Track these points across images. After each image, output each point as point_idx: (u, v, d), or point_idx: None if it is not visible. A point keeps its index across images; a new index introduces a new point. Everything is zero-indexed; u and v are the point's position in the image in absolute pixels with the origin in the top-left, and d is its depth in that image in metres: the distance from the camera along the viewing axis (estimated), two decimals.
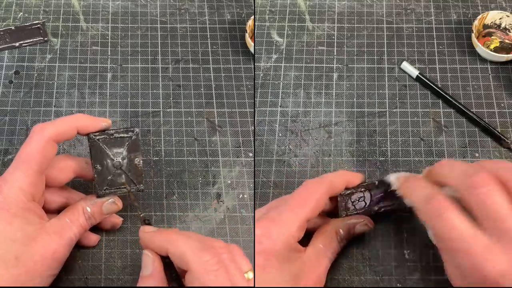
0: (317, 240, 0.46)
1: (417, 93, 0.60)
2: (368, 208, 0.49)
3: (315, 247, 0.45)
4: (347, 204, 0.48)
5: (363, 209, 0.49)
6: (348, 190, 0.48)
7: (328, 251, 0.46)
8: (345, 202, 0.48)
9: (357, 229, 0.48)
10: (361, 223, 0.48)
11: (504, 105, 0.59)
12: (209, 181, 0.55)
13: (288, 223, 0.43)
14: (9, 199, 0.42)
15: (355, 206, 0.48)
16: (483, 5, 0.67)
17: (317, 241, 0.46)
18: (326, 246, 0.46)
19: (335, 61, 0.63)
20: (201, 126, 0.58)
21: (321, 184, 0.45)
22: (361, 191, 0.48)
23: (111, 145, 0.46)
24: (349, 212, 0.49)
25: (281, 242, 0.42)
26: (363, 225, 0.48)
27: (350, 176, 0.48)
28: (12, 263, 0.40)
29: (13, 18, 0.65)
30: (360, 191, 0.48)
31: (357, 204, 0.48)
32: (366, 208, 0.49)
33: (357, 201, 0.48)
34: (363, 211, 0.49)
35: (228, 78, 0.62)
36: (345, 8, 0.67)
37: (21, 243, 0.41)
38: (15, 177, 0.43)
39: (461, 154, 0.56)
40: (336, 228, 0.47)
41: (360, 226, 0.48)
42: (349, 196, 0.48)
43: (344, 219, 0.48)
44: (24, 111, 0.58)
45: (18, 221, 0.42)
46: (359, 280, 0.49)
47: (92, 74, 0.61)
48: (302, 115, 0.59)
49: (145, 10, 0.67)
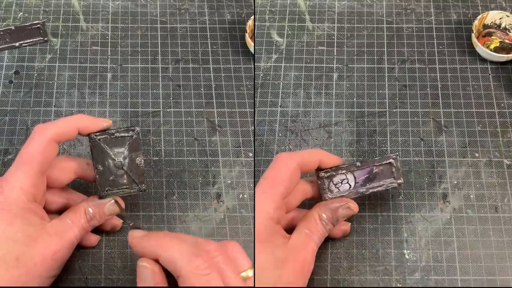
0: (301, 225, 0.46)
1: (417, 93, 0.60)
2: (353, 190, 0.49)
3: (300, 232, 0.45)
4: (329, 186, 0.48)
5: (348, 191, 0.49)
6: (328, 171, 0.47)
7: (313, 235, 0.45)
8: (327, 184, 0.48)
9: (340, 212, 0.47)
10: (344, 206, 0.47)
11: (504, 105, 0.59)
12: (209, 181, 0.55)
13: (263, 206, 0.43)
14: (10, 199, 0.42)
15: (339, 189, 0.48)
16: (483, 5, 0.67)
17: (301, 227, 0.46)
18: (311, 230, 0.46)
19: (335, 61, 0.63)
20: (201, 126, 0.58)
21: (291, 159, 0.45)
22: (343, 173, 0.48)
23: (112, 145, 0.46)
24: (333, 194, 0.48)
25: (259, 223, 0.42)
26: (345, 208, 0.47)
27: (324, 156, 0.47)
28: (12, 264, 0.40)
29: (13, 18, 0.65)
30: (341, 173, 0.48)
31: (340, 187, 0.48)
32: (351, 190, 0.49)
33: (340, 183, 0.48)
34: (349, 193, 0.49)
35: (228, 78, 0.62)
36: (345, 8, 0.67)
37: (21, 244, 0.41)
38: (16, 178, 0.43)
39: (461, 154, 0.56)
40: (319, 213, 0.47)
41: (342, 209, 0.47)
42: (330, 178, 0.48)
43: (326, 203, 0.48)
44: (24, 111, 0.58)
45: (19, 221, 0.42)
46: (359, 280, 0.49)
47: (92, 74, 0.61)
48: (302, 115, 0.59)
49: (145, 10, 0.67)
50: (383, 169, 0.49)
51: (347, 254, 0.50)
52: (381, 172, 0.49)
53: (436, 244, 0.51)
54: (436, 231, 0.52)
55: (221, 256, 0.39)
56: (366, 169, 0.48)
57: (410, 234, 0.52)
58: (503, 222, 0.52)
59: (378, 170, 0.48)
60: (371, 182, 0.49)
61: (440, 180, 0.55)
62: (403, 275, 0.50)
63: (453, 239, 0.51)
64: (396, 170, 0.49)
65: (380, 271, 0.50)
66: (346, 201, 0.48)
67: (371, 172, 0.48)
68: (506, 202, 0.53)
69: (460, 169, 0.55)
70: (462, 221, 0.52)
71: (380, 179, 0.49)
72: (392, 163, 0.48)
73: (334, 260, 0.50)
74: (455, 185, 0.54)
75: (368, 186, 0.49)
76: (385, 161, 0.48)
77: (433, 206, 0.53)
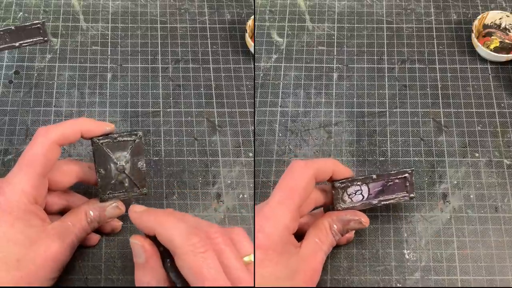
0: (312, 234, 0.46)
1: (417, 93, 0.60)
2: (366, 201, 0.49)
3: (310, 241, 0.45)
4: (343, 196, 0.48)
5: (360, 203, 0.49)
6: (343, 182, 0.48)
7: (323, 245, 0.46)
8: (340, 194, 0.48)
9: (351, 226, 0.47)
10: (356, 221, 0.47)
11: (504, 105, 0.59)
12: (209, 181, 0.55)
13: (280, 217, 0.43)
14: (11, 201, 0.42)
15: (352, 199, 0.48)
16: (483, 5, 0.67)
17: (312, 236, 0.46)
18: (321, 240, 0.46)
19: (335, 61, 0.63)
20: (201, 126, 0.58)
21: (307, 168, 0.45)
22: (358, 184, 0.48)
23: (115, 149, 0.46)
24: (345, 205, 0.48)
25: (276, 236, 0.42)
26: (357, 222, 0.47)
27: (339, 167, 0.47)
28: (13, 266, 0.40)
29: (13, 18, 0.65)
30: (356, 184, 0.48)
31: (354, 197, 0.48)
32: (363, 201, 0.49)
33: (353, 194, 0.48)
34: (360, 205, 0.49)
35: (228, 78, 0.62)
36: (345, 8, 0.67)
37: (22, 246, 0.41)
38: (18, 179, 0.43)
39: (461, 154, 0.56)
40: (331, 223, 0.47)
41: (354, 223, 0.47)
42: (344, 189, 0.48)
43: (339, 214, 0.47)
44: (24, 111, 0.58)
45: (20, 223, 0.42)
46: (359, 280, 0.49)
47: (92, 74, 0.61)
48: (302, 115, 0.59)
49: (145, 10, 0.67)
50: (397, 183, 0.49)
51: (347, 254, 0.50)
52: (394, 185, 0.49)
53: (436, 244, 0.51)
54: (436, 231, 0.52)
55: (222, 238, 0.39)
56: (381, 182, 0.48)
57: (410, 234, 0.52)
58: (503, 222, 0.52)
59: (392, 183, 0.49)
60: (383, 194, 0.49)
61: (440, 180, 0.55)
62: (403, 275, 0.50)
63: (453, 239, 0.51)
64: (410, 184, 0.49)
65: (380, 271, 0.50)
66: (359, 215, 0.48)
67: (385, 185, 0.49)
68: (506, 202, 0.53)
69: (460, 169, 0.55)
70: (462, 221, 0.52)
71: (393, 192, 0.49)
72: (407, 177, 0.48)
73: (334, 260, 0.50)
74: (455, 185, 0.54)
75: (380, 198, 0.49)
76: (401, 175, 0.48)
77: (433, 206, 0.53)
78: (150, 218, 0.41)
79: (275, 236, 0.42)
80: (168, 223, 0.39)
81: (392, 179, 0.48)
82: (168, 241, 0.39)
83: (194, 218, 0.41)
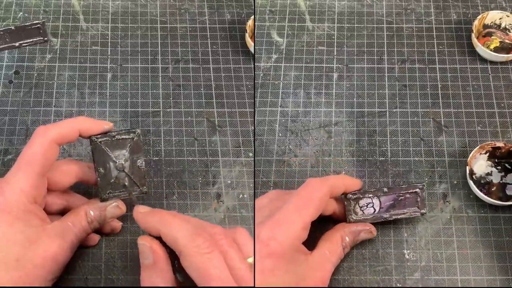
0: (323, 245, 0.46)
1: (417, 93, 0.60)
2: (377, 215, 0.49)
3: (321, 252, 0.46)
4: (355, 208, 0.49)
5: (372, 216, 0.49)
6: (355, 193, 0.48)
7: (332, 257, 0.46)
8: (353, 205, 0.48)
9: (361, 236, 0.49)
10: (366, 231, 0.49)
11: (504, 105, 0.59)
12: (209, 181, 0.55)
13: (294, 225, 0.43)
14: (10, 201, 0.42)
15: (363, 212, 0.49)
16: (483, 5, 0.67)
17: (323, 246, 0.46)
18: (331, 251, 0.46)
19: (335, 61, 0.63)
20: (201, 126, 0.58)
21: (323, 184, 0.46)
22: (369, 197, 0.48)
23: (113, 147, 0.46)
24: (357, 217, 0.49)
25: (288, 244, 0.42)
26: (367, 232, 0.49)
27: (350, 181, 0.49)
28: (12, 266, 0.40)
29: (13, 18, 0.64)
30: (368, 196, 0.48)
31: (365, 210, 0.49)
32: (375, 214, 0.49)
33: (365, 207, 0.49)
34: (372, 218, 0.49)
35: (228, 78, 0.62)
36: (345, 8, 0.67)
37: (22, 246, 0.41)
38: (17, 179, 0.43)
39: (461, 154, 0.56)
40: (342, 235, 0.48)
41: (364, 233, 0.49)
42: (356, 200, 0.48)
43: (350, 226, 0.49)
44: (24, 111, 0.58)
45: (19, 223, 0.42)
46: (359, 280, 0.49)
47: (92, 74, 0.61)
48: (302, 115, 0.59)
49: (145, 10, 0.67)
50: (408, 197, 0.49)
51: (347, 254, 0.50)
52: (406, 200, 0.49)
53: (436, 244, 0.51)
54: (436, 231, 0.52)
55: (226, 240, 0.39)
56: (392, 196, 0.49)
57: (410, 234, 0.52)
58: (503, 222, 0.52)
59: (403, 197, 0.49)
60: (394, 208, 0.49)
61: (440, 180, 0.55)
62: (403, 275, 0.50)
63: (453, 239, 0.51)
64: (421, 200, 0.49)
65: (380, 271, 0.50)
66: (369, 226, 0.49)
67: (396, 199, 0.49)
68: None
69: (460, 169, 0.55)
70: (462, 221, 0.52)
71: (404, 207, 0.49)
72: (418, 192, 0.49)
73: None
74: (455, 185, 0.54)
75: (391, 212, 0.49)
76: (412, 190, 0.49)
77: (433, 206, 0.53)
78: (155, 219, 0.41)
79: (287, 244, 0.42)
80: (173, 223, 0.39)
81: (403, 194, 0.49)
82: (173, 242, 0.39)
83: (197, 220, 0.42)
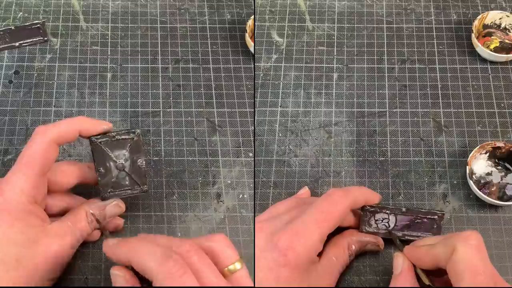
0: (330, 252, 0.46)
1: (417, 93, 0.60)
2: (390, 231, 0.49)
3: (329, 259, 0.46)
4: (369, 220, 0.48)
5: (384, 231, 0.49)
6: (373, 207, 0.48)
7: (339, 264, 0.46)
8: (368, 217, 0.48)
9: (368, 248, 0.49)
10: (374, 243, 0.49)
11: (504, 105, 0.59)
12: (209, 181, 0.55)
13: (312, 237, 0.43)
14: (10, 201, 0.42)
15: (377, 225, 0.48)
16: (483, 5, 0.67)
17: (331, 253, 0.46)
18: (338, 259, 0.46)
19: (335, 61, 0.63)
20: (201, 126, 0.58)
21: (346, 197, 0.45)
22: (386, 213, 0.48)
23: (113, 147, 0.46)
24: (371, 229, 0.49)
25: (304, 255, 0.42)
26: (374, 245, 0.49)
27: (370, 195, 0.48)
28: (12, 266, 0.40)
29: (13, 18, 0.64)
30: (385, 212, 0.48)
31: (379, 224, 0.48)
32: (387, 230, 0.49)
33: (380, 221, 0.48)
34: (384, 233, 0.49)
35: (228, 78, 0.62)
36: (345, 8, 0.67)
37: (22, 246, 0.41)
38: (16, 179, 0.42)
39: (461, 154, 0.56)
40: (350, 242, 0.48)
41: (371, 245, 0.49)
42: (373, 213, 0.48)
43: (359, 235, 0.49)
44: (24, 111, 0.58)
45: (19, 223, 0.42)
46: (359, 280, 0.49)
47: (92, 74, 0.61)
48: (302, 115, 0.59)
49: (145, 10, 0.67)
50: (425, 222, 0.48)
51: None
52: (422, 224, 0.48)
53: None
54: None
55: (197, 256, 0.38)
56: (410, 217, 0.48)
57: None
58: (503, 222, 0.52)
59: (420, 221, 0.48)
60: (409, 229, 0.49)
61: (440, 180, 0.55)
62: None
63: None
64: (437, 227, 0.48)
65: (380, 271, 0.50)
66: (378, 239, 0.49)
67: (413, 221, 0.48)
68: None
69: (460, 169, 0.55)
70: (462, 221, 0.52)
71: (419, 230, 0.49)
72: (436, 219, 0.48)
73: None
74: (455, 185, 0.54)
75: (405, 232, 0.49)
76: (430, 216, 0.48)
77: (432, 206, 0.53)
78: (123, 250, 0.39)
79: (304, 256, 0.42)
80: (141, 251, 0.38)
81: (421, 217, 0.48)
82: (144, 270, 0.37)
83: (166, 238, 0.40)
